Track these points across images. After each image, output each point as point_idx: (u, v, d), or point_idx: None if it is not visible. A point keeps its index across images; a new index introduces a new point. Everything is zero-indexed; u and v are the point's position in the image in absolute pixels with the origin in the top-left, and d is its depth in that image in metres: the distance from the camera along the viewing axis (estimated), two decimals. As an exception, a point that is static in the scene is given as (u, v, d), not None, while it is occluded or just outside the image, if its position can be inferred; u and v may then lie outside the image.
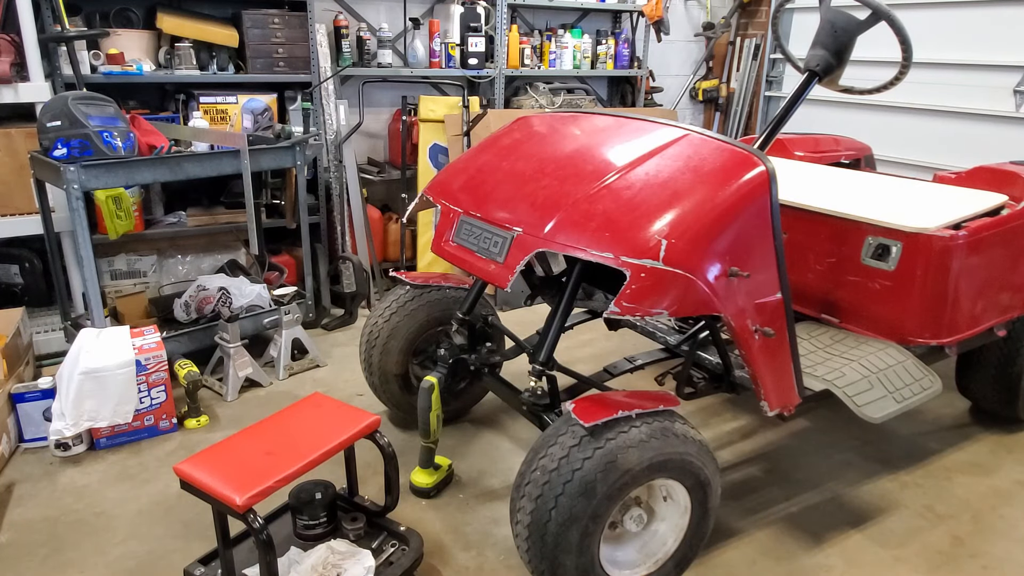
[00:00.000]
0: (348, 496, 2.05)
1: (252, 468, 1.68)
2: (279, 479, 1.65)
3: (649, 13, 4.64)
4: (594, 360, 3.21)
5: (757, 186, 1.72)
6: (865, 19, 1.98)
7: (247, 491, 1.59)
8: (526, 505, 1.69)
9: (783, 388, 1.95)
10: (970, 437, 2.72)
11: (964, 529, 2.21)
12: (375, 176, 4.05)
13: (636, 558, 1.87)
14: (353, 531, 1.93)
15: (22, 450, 2.50)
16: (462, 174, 2.20)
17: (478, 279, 2.34)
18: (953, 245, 2.13)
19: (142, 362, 2.46)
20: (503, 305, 3.86)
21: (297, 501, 1.91)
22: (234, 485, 1.61)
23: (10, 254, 3.29)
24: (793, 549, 2.11)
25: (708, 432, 2.73)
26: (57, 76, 3.11)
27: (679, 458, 1.73)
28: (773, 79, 5.21)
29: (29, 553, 2.02)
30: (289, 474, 1.67)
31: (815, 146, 3.13)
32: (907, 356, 2.22)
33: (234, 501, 1.57)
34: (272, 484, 1.63)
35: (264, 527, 1.61)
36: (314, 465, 1.72)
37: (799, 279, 2.43)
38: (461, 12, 4.01)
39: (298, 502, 1.91)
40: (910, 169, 4.22)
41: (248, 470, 1.67)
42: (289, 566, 1.79)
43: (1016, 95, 3.84)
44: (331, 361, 3.23)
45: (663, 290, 1.64)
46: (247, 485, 1.61)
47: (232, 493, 1.58)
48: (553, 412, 2.08)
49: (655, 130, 1.96)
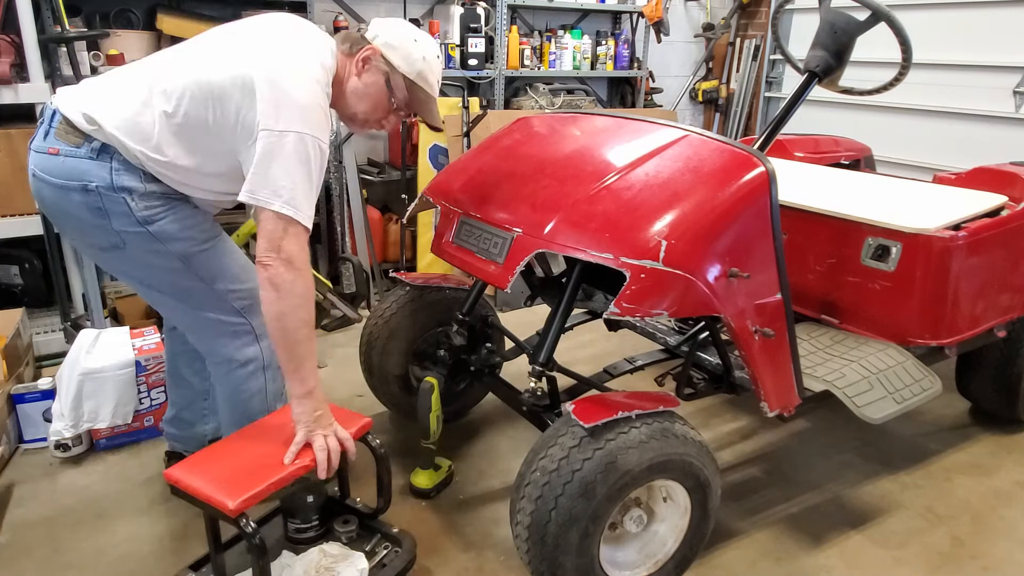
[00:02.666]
0: (341, 499, 2.04)
1: (244, 472, 1.65)
2: (271, 483, 1.63)
3: (649, 14, 4.65)
4: (594, 361, 3.21)
5: (757, 187, 1.72)
6: (865, 20, 1.98)
7: (239, 495, 1.57)
8: (526, 506, 1.69)
9: (783, 389, 1.95)
10: (970, 438, 2.72)
11: (964, 530, 2.21)
12: (375, 177, 4.06)
13: (636, 559, 1.87)
14: (345, 534, 1.92)
15: (22, 451, 2.50)
16: (462, 175, 2.20)
17: (478, 280, 2.34)
18: (953, 246, 2.13)
19: (142, 363, 2.46)
20: (503, 306, 3.86)
21: (289, 504, 1.90)
22: (226, 490, 1.58)
23: (10, 255, 3.29)
24: (793, 550, 2.11)
25: (708, 433, 2.73)
26: (57, 77, 3.11)
27: (679, 459, 1.73)
28: (773, 80, 5.21)
29: (29, 554, 2.02)
30: (281, 478, 1.66)
31: (815, 147, 3.13)
32: (907, 357, 2.22)
33: (226, 506, 1.55)
34: (264, 488, 1.61)
35: (256, 531, 1.60)
36: (307, 469, 1.71)
37: (799, 280, 2.43)
38: (461, 13, 4.02)
39: (290, 505, 1.90)
40: (910, 170, 4.22)
41: (240, 474, 1.65)
42: (281, 570, 1.78)
43: (1016, 96, 3.84)
44: (331, 362, 3.23)
45: (663, 291, 1.64)
46: (239, 489, 1.58)
47: (224, 498, 1.56)
48: (553, 413, 2.08)
49: (655, 131, 1.96)
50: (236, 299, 1.91)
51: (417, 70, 1.84)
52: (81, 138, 1.68)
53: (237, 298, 1.91)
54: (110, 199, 1.69)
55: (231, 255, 1.93)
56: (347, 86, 1.82)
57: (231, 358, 1.94)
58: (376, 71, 1.82)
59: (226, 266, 1.89)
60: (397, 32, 1.85)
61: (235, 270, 1.91)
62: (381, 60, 1.82)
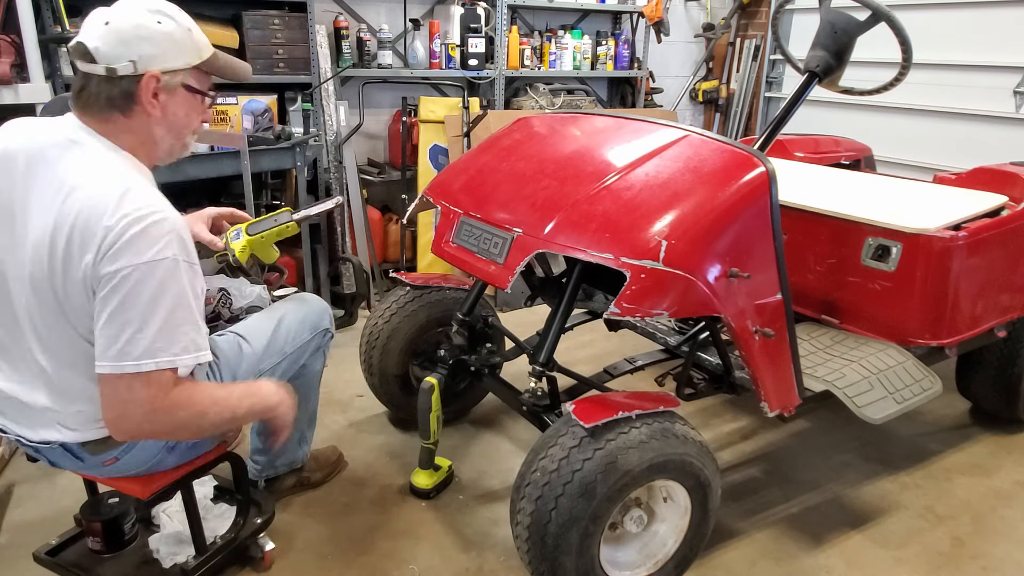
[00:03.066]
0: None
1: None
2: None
3: (649, 14, 4.65)
4: (594, 361, 3.21)
5: (757, 187, 1.72)
6: (865, 20, 1.98)
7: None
8: (526, 506, 1.69)
9: (783, 389, 1.95)
10: (970, 438, 2.72)
11: (964, 530, 2.21)
12: (375, 177, 4.05)
13: (636, 559, 1.87)
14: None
15: (21, 451, 2.50)
16: (462, 175, 2.20)
17: (478, 280, 2.34)
18: (953, 246, 2.13)
19: (142, 363, 2.45)
20: (503, 306, 3.86)
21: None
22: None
23: (10, 255, 3.28)
24: (793, 550, 2.11)
25: (708, 433, 2.73)
26: (57, 77, 3.11)
27: (679, 459, 1.73)
28: (773, 80, 5.21)
29: (29, 554, 2.02)
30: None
31: (815, 147, 3.13)
32: (907, 357, 2.22)
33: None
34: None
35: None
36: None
37: (799, 280, 2.43)
38: (461, 13, 4.01)
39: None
40: (910, 170, 4.22)
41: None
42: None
43: (1016, 96, 3.84)
44: (331, 362, 3.21)
45: (663, 291, 1.64)
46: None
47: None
48: (553, 413, 2.08)
49: (655, 131, 1.96)
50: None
51: (194, 48, 1.50)
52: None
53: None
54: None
55: (253, 329, 1.88)
56: (154, 134, 1.51)
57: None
58: (171, 93, 1.49)
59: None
60: (138, 40, 1.43)
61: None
62: (169, 78, 1.47)
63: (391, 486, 2.35)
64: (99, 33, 1.42)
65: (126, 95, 1.44)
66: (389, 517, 2.20)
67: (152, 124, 1.49)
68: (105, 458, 1.58)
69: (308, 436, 2.23)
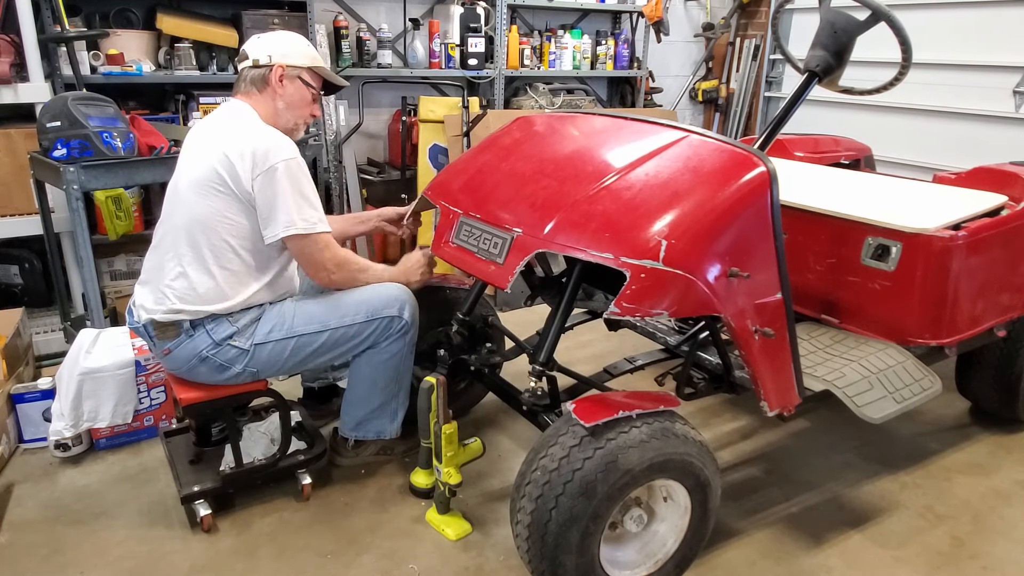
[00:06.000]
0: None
1: None
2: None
3: (649, 14, 4.65)
4: (594, 360, 3.21)
5: (757, 186, 1.72)
6: (865, 20, 1.98)
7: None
8: (526, 505, 1.69)
9: (783, 388, 1.95)
10: (970, 438, 2.72)
11: (964, 530, 2.21)
12: (375, 176, 4.06)
13: (636, 558, 1.87)
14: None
15: (22, 451, 2.50)
16: (462, 175, 2.20)
17: (478, 280, 2.34)
18: (953, 245, 2.13)
19: (142, 363, 2.46)
20: (503, 306, 3.86)
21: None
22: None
23: (10, 254, 3.29)
24: (793, 550, 2.11)
25: (708, 432, 2.73)
26: (57, 76, 3.12)
27: (679, 458, 1.73)
28: (773, 80, 5.21)
29: (29, 553, 2.02)
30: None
31: (815, 147, 3.13)
32: (907, 356, 2.22)
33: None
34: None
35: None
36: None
37: (799, 280, 2.43)
38: (461, 13, 4.02)
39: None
40: (910, 170, 4.22)
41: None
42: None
43: (1016, 96, 3.85)
44: (331, 362, 3.22)
45: (663, 291, 1.64)
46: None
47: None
48: (553, 412, 2.08)
49: (655, 131, 1.96)
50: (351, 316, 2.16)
51: (310, 58, 2.14)
52: (176, 329, 2.02)
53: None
54: (222, 353, 2.02)
55: (314, 302, 2.17)
56: (278, 107, 2.11)
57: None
58: (291, 79, 2.11)
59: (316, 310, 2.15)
60: (275, 45, 2.12)
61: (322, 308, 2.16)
62: (291, 69, 2.10)
63: (391, 486, 2.35)
64: (252, 44, 2.12)
65: (263, 78, 2.08)
66: (389, 517, 2.20)
67: (276, 99, 2.10)
68: (164, 347, 2.04)
69: (400, 414, 2.37)
